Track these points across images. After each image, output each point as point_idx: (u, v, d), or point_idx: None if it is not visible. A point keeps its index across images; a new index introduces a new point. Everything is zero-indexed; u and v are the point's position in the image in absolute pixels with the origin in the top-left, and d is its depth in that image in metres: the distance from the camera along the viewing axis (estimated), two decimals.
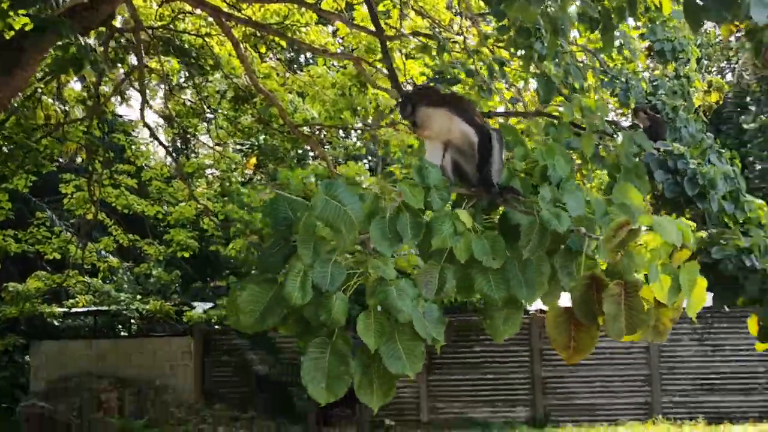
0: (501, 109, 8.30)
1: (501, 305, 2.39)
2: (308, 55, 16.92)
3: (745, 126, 21.36)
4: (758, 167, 21.03)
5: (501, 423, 14.15)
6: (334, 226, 2.23)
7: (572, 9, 5.36)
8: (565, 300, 2.43)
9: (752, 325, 5.32)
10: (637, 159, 4.16)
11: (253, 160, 15.12)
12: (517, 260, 2.35)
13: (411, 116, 2.74)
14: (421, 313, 2.19)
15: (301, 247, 2.21)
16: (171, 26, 11.14)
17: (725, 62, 23.40)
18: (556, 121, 4.57)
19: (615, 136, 4.94)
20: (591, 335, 2.30)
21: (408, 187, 2.34)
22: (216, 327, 15.64)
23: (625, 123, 8.23)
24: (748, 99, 22.41)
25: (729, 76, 22.43)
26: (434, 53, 6.99)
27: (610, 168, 3.70)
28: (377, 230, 2.27)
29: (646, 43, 8.10)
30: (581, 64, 7.18)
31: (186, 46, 11.88)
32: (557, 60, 6.20)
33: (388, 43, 10.93)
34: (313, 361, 2.18)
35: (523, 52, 6.47)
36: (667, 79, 8.05)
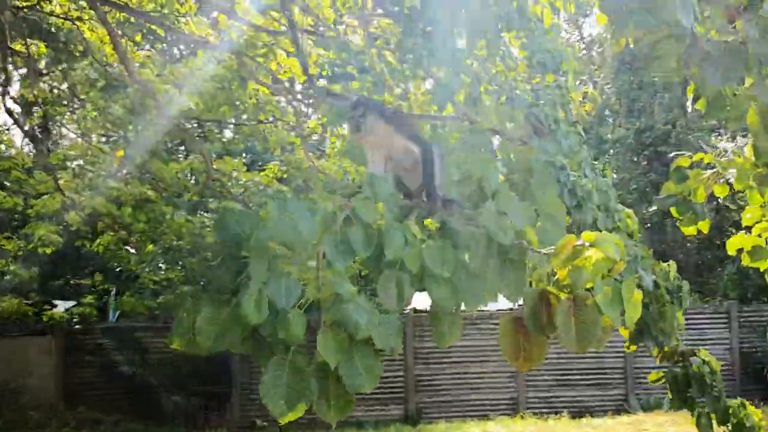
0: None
1: (448, 313, 2.41)
2: (182, 47, 16.40)
3: (604, 137, 22.64)
4: (615, 176, 22.36)
5: (374, 422, 14.25)
6: (288, 244, 2.18)
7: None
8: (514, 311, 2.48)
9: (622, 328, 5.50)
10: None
11: (121, 153, 14.48)
12: (462, 271, 2.38)
13: (360, 118, 2.70)
14: (378, 325, 2.16)
15: (254, 263, 2.13)
16: (38, 7, 10.49)
17: (586, 75, 24.66)
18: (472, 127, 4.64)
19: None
20: (540, 346, 2.36)
21: (359, 201, 2.30)
22: (78, 326, 14.89)
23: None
24: (606, 111, 23.78)
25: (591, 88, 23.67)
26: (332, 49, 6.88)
27: (524, 173, 3.77)
28: (330, 245, 2.22)
29: (526, 54, 8.36)
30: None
31: (53, 29, 11.19)
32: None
33: (272, 39, 10.82)
34: (272, 379, 2.12)
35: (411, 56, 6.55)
36: (548, 90, 8.33)
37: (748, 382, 14.77)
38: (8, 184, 13.07)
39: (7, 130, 13.59)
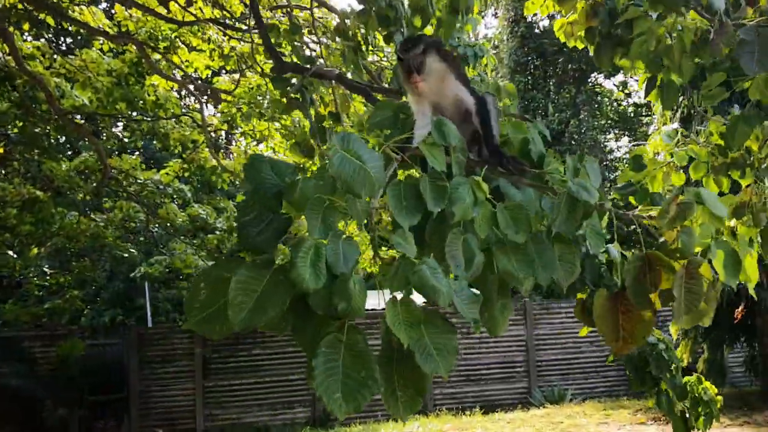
0: None
1: (496, 294, 2.06)
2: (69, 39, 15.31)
3: None
4: None
5: (281, 425, 13.76)
6: (353, 188, 1.75)
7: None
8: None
9: (578, 311, 5.40)
10: None
11: (1, 150, 13.32)
12: (535, 238, 2.03)
13: (420, 57, 2.28)
14: (456, 294, 1.80)
15: (310, 217, 1.72)
16: None
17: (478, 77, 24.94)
18: None
19: None
20: (645, 322, 2.04)
21: (429, 147, 1.93)
22: None
23: None
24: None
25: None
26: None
27: None
28: (394, 197, 1.83)
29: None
30: None
31: None
32: None
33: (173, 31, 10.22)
34: (325, 366, 1.68)
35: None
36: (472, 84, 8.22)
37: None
38: None
39: None
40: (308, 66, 4.83)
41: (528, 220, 1.97)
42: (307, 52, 6.24)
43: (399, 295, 1.80)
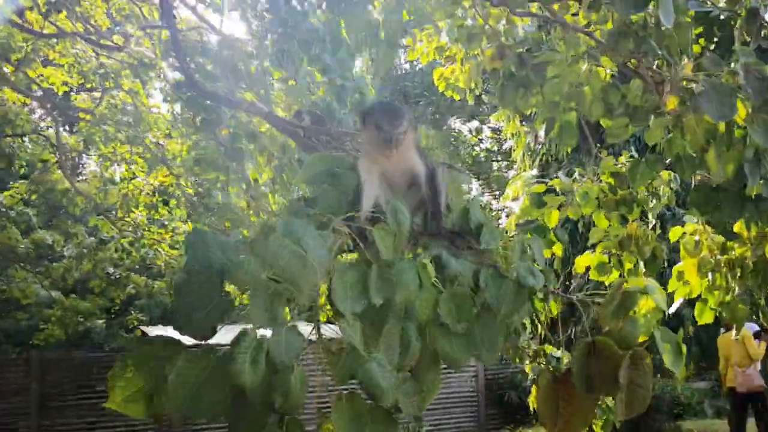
0: None
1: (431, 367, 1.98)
2: None
3: None
4: None
5: None
6: (293, 279, 1.64)
7: None
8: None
9: None
10: None
11: None
12: (478, 320, 1.97)
13: (402, 134, 2.19)
14: (398, 389, 1.70)
15: (255, 305, 1.57)
16: None
17: None
18: None
19: None
20: (584, 410, 2.00)
21: (381, 233, 1.82)
22: None
23: None
24: None
25: None
26: None
27: None
28: (339, 284, 1.71)
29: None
30: None
31: None
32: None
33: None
34: None
35: None
36: None
37: (491, 407, 15.66)
38: None
39: None
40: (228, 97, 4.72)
41: (471, 309, 1.91)
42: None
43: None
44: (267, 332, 1.59)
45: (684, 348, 1.99)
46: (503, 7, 5.10)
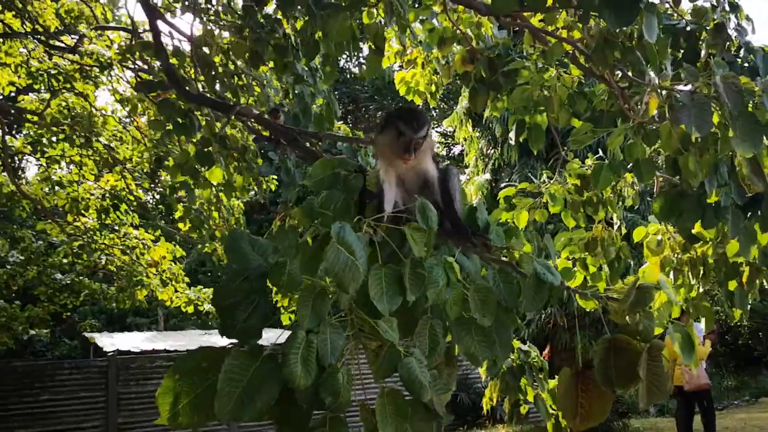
0: None
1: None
2: None
3: None
4: None
5: None
6: (343, 283, 1.69)
7: None
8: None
9: None
10: None
11: None
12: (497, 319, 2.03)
13: (423, 139, 2.27)
14: (432, 386, 1.75)
15: (302, 307, 1.60)
16: None
17: None
18: None
19: None
20: (602, 402, 2.09)
21: (411, 232, 1.87)
22: None
23: None
24: None
25: None
26: None
27: None
28: (375, 284, 1.76)
29: None
30: None
31: None
32: None
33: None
34: None
35: None
36: None
37: None
38: None
39: None
40: (217, 100, 4.70)
41: (495, 304, 1.98)
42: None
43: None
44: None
45: (697, 340, 2.10)
46: (475, 13, 5.23)
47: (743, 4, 4.19)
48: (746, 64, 4.25)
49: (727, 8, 4.28)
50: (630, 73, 3.95)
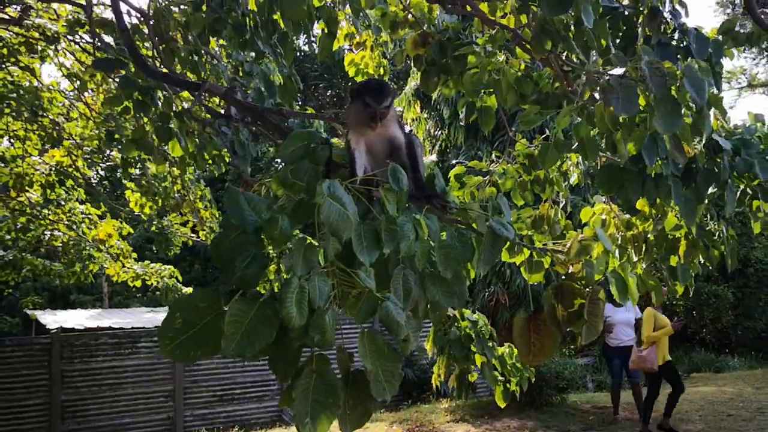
0: None
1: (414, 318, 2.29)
2: None
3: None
4: None
5: None
6: (338, 232, 1.92)
7: None
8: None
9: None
10: None
11: None
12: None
13: (386, 109, 2.49)
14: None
15: (294, 256, 1.82)
16: None
17: None
18: None
19: None
20: (551, 339, 2.38)
21: (387, 192, 2.11)
22: None
23: None
24: None
25: None
26: None
27: None
28: (356, 237, 1.99)
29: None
30: None
31: None
32: None
33: None
34: (302, 393, 1.82)
35: None
36: None
37: None
38: None
39: None
40: (184, 78, 4.79)
41: (455, 259, 2.24)
42: None
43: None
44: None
45: (632, 282, 2.41)
46: None
47: None
48: (681, 45, 4.57)
49: None
50: (574, 58, 4.22)
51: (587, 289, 2.31)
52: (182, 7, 5.54)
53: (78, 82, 9.99)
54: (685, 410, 12.22)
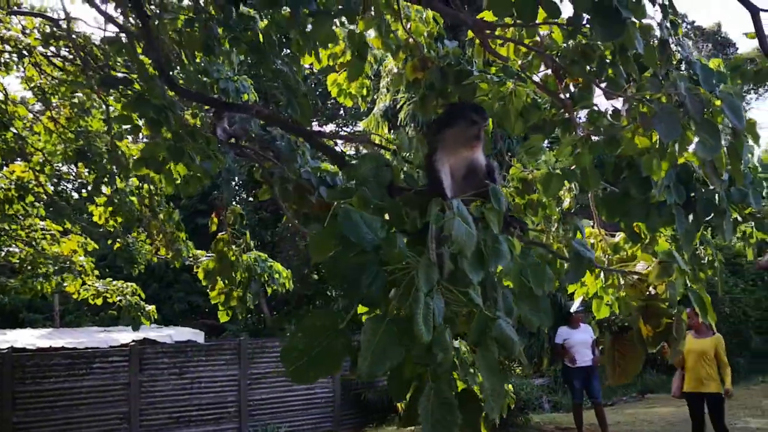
0: None
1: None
2: None
3: None
4: None
5: None
6: (464, 250, 1.96)
7: None
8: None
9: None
10: None
11: None
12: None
13: (483, 126, 2.54)
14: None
15: (423, 273, 1.84)
16: None
17: None
18: None
19: None
20: (637, 359, 2.44)
21: (490, 212, 2.14)
22: None
23: None
24: None
25: None
26: None
27: None
28: (467, 259, 2.01)
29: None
30: None
31: None
32: None
33: None
34: (424, 412, 1.83)
35: None
36: None
37: (348, 407, 16.07)
38: None
39: None
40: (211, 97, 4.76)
41: (545, 277, 2.29)
42: None
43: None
44: None
45: (710, 301, 2.50)
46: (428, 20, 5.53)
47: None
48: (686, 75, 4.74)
49: (669, 26, 4.76)
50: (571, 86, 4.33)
51: (673, 310, 2.38)
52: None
53: (41, 96, 9.83)
54: (646, 431, 12.47)
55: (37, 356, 13.56)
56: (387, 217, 2.26)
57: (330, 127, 25.95)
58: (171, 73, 5.17)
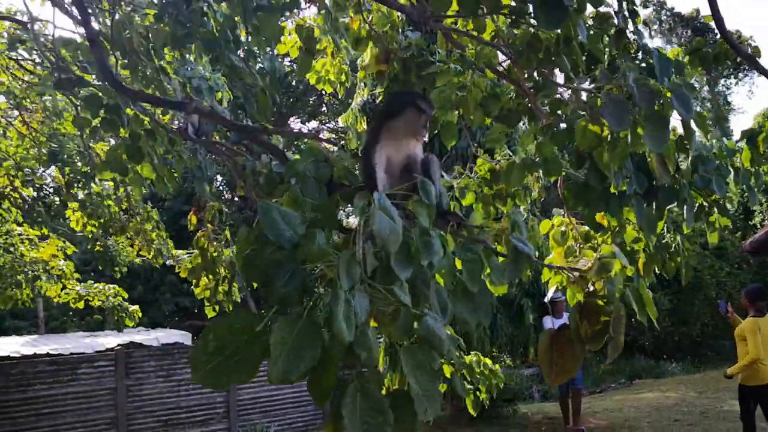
0: None
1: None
2: None
3: None
4: None
5: None
6: (388, 246, 1.88)
7: None
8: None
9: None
10: None
11: None
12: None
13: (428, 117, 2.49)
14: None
15: (341, 270, 1.77)
16: None
17: None
18: None
19: None
20: (575, 358, 2.37)
21: (418, 206, 2.07)
22: None
23: None
24: None
25: None
26: None
27: None
28: (397, 252, 1.94)
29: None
30: None
31: None
32: None
33: None
34: (350, 414, 1.76)
35: None
36: None
37: None
38: None
39: None
40: (169, 99, 4.69)
41: (481, 274, 2.22)
42: None
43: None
44: None
45: (650, 297, 2.44)
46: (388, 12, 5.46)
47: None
48: (643, 65, 4.70)
49: (627, 14, 4.71)
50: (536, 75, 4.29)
51: (611, 307, 2.33)
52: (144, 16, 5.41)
53: (13, 99, 9.74)
54: (633, 417, 12.49)
55: (21, 364, 13.42)
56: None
57: (313, 124, 25.84)
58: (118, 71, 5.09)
